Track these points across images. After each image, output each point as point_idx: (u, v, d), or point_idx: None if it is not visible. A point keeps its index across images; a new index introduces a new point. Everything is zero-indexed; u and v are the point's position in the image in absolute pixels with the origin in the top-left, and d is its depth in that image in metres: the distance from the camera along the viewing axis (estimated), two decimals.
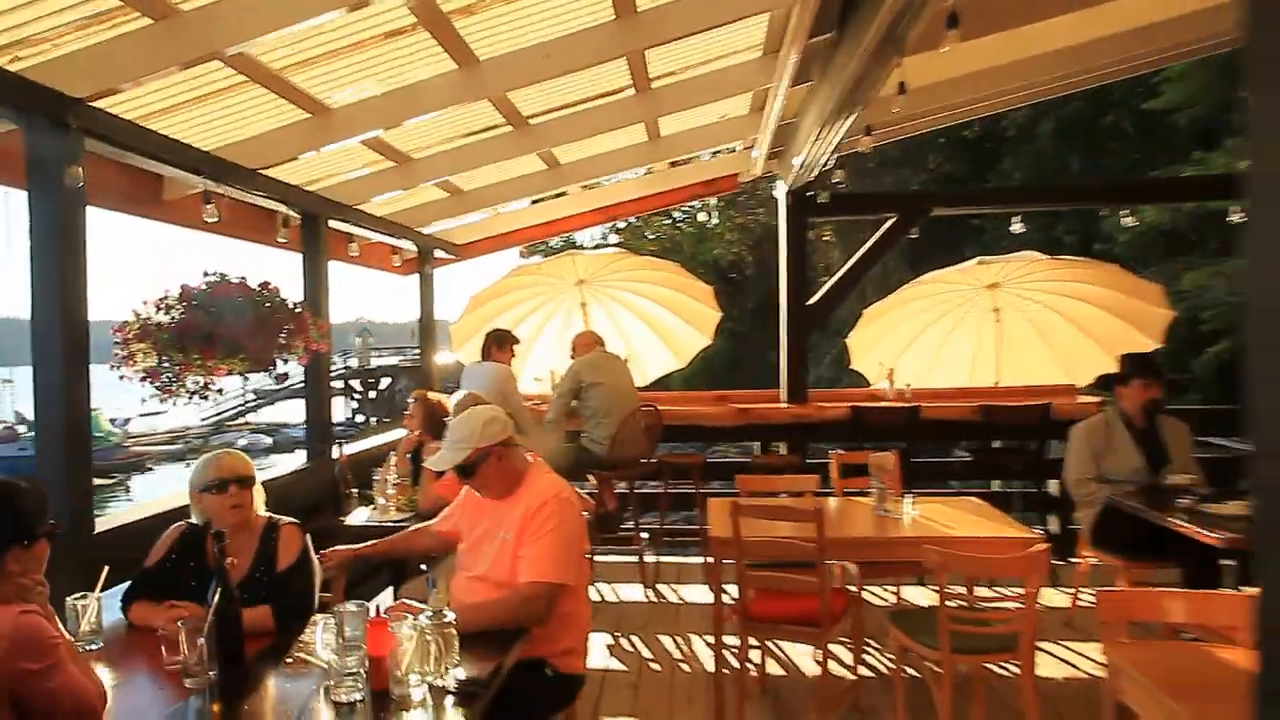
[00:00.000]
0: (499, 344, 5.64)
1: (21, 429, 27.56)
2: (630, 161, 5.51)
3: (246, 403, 41.08)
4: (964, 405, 5.56)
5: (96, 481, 2.37)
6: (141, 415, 39.06)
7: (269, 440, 32.28)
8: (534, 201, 6.50)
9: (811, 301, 5.95)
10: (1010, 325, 6.47)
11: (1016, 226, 5.95)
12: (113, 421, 30.16)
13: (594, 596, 5.15)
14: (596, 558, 5.41)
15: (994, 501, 3.84)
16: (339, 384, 36.31)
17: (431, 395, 4.50)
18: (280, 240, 4.59)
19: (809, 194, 5.81)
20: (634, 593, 5.22)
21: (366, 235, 5.44)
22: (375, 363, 38.71)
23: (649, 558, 5.57)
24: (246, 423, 38.55)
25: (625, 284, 6.65)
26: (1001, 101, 6.08)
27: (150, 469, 30.98)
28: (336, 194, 4.73)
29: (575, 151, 5.40)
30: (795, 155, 4.93)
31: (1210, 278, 10.96)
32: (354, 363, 38.53)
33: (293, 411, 40.46)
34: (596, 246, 19.50)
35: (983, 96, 5.49)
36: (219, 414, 39.74)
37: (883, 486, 3.74)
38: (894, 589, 4.69)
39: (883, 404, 5.77)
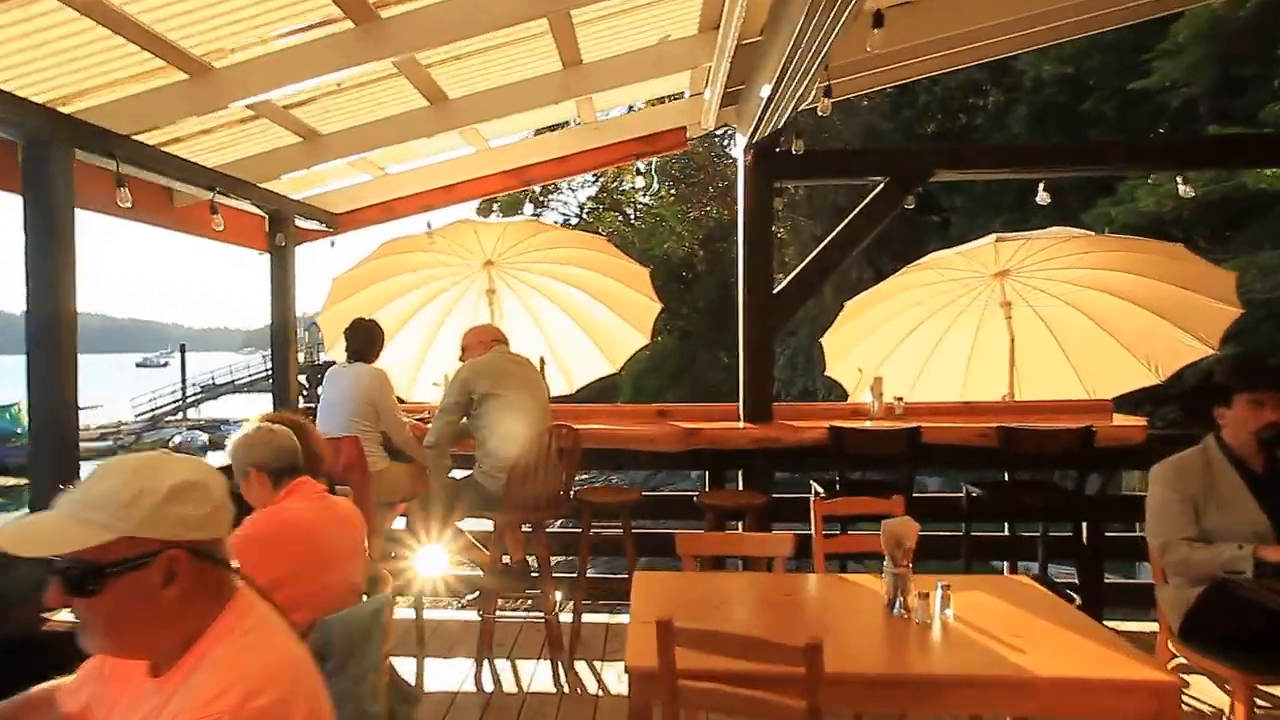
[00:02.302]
0: (368, 338, 4.07)
1: None
2: (543, 97, 3.95)
3: (186, 397, 38.48)
4: (975, 426, 4.13)
5: (9, 481, 1.52)
6: None
7: (205, 438, 29.92)
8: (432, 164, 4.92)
9: (778, 290, 4.47)
10: (1023, 323, 5.08)
11: (1043, 196, 4.53)
12: None
13: (487, 685, 3.64)
14: (500, 618, 3.93)
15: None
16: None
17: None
18: None
19: (777, 149, 4.33)
20: (543, 675, 3.71)
21: (154, 180, 3.79)
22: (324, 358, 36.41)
23: (565, 616, 4.08)
24: (185, 418, 36.00)
25: (542, 265, 5.08)
26: (995, 44, 4.68)
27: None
28: (96, 115, 3.12)
29: (464, 82, 3.84)
30: (760, 91, 3.45)
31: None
32: (301, 358, 36.15)
33: (239, 406, 37.96)
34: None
35: (973, 33, 4.15)
36: (155, 408, 37.06)
37: (901, 573, 2.29)
38: None
39: (869, 423, 4.33)
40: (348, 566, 2.29)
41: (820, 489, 4.28)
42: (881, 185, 4.34)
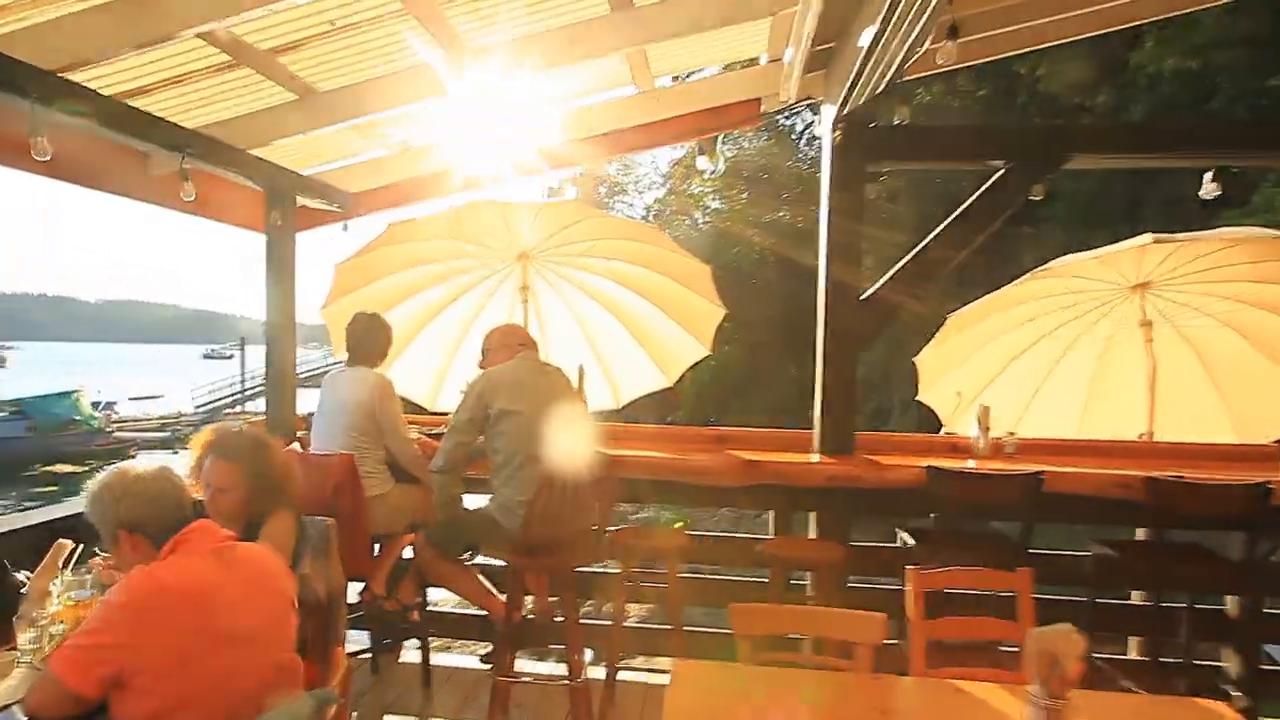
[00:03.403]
0: (369, 336, 3.57)
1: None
2: (587, 47, 3.36)
3: (245, 390, 39.45)
4: (1112, 474, 3.35)
5: (67, 469, 1.45)
6: (132, 399, 37.66)
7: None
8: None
9: (868, 294, 3.77)
10: (1165, 347, 4.24)
11: (1209, 188, 3.70)
12: (95, 405, 28.45)
13: None
14: (518, 679, 3.38)
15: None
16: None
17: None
18: None
19: (871, 124, 3.65)
20: None
21: (120, 140, 3.32)
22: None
23: (595, 673, 3.48)
24: (242, 411, 36.82)
25: (586, 259, 4.49)
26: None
27: (133, 457, 29.20)
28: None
29: (486, 27, 3.29)
30: (859, 39, 2.79)
31: None
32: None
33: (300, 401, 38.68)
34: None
35: None
36: (213, 401, 38.06)
37: (1057, 707, 1.60)
38: None
39: (972, 462, 3.60)
40: (264, 641, 1.74)
41: (909, 538, 3.57)
42: (1001, 172, 3.60)
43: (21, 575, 2.19)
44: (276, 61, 3.22)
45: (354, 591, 3.76)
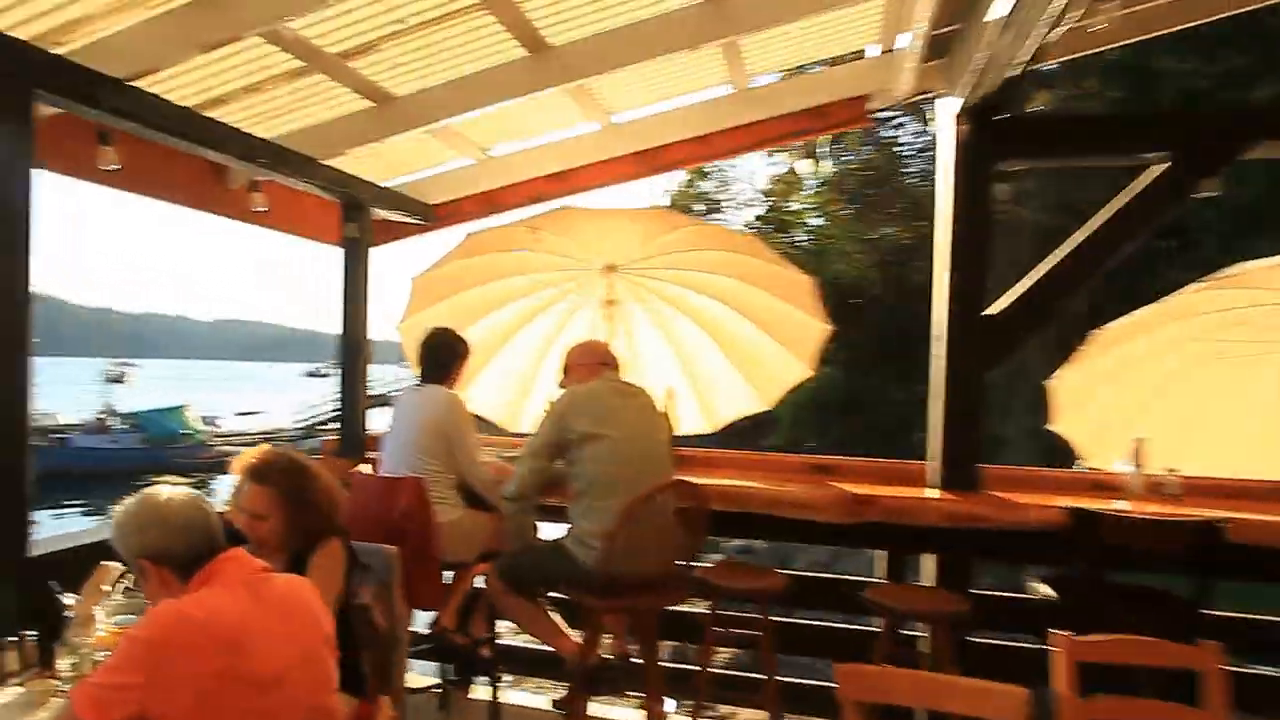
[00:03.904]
0: (444, 353, 3.45)
1: (113, 421, 27.87)
2: (673, 40, 3.16)
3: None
4: None
5: (174, 480, 1.72)
6: (237, 414, 39.84)
7: None
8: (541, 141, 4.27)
9: (995, 311, 3.39)
10: None
11: None
12: (202, 419, 30.23)
13: None
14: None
15: None
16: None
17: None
18: None
19: (997, 117, 3.28)
20: None
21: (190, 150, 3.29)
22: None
23: None
24: (340, 428, 38.14)
25: (677, 271, 4.26)
26: None
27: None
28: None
29: (570, 22, 3.15)
30: (989, 12, 2.49)
31: None
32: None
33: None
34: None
35: None
36: (312, 418, 39.78)
37: None
38: None
39: (1126, 503, 3.15)
40: (297, 684, 1.61)
41: (1047, 589, 3.16)
42: (1164, 167, 3.16)
43: (69, 599, 2.12)
44: (348, 66, 3.17)
45: (424, 622, 3.64)
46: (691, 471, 3.67)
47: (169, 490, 1.73)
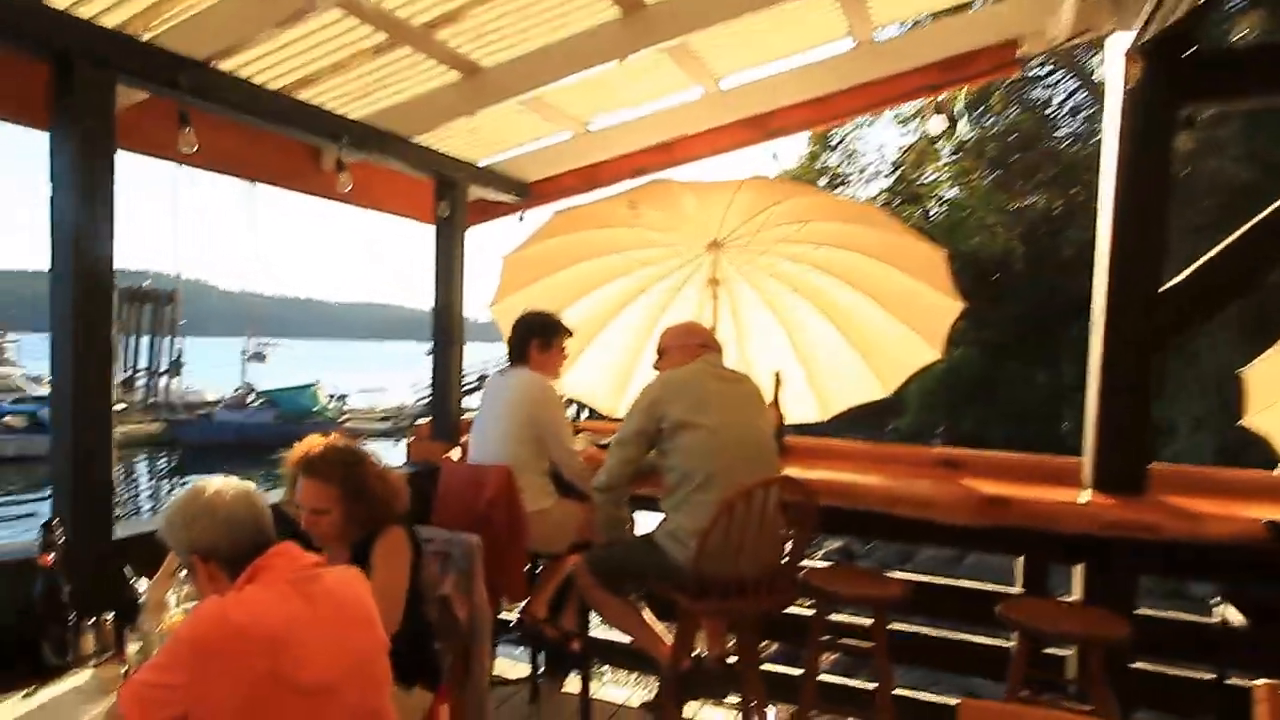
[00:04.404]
0: (546, 337, 3.35)
1: (251, 398, 30.02)
2: None
3: (465, 384, 42.50)
4: None
5: None
6: (362, 391, 42.02)
7: None
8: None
9: (1171, 285, 2.95)
10: None
11: None
12: (329, 397, 32.06)
13: None
14: None
15: None
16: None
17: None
18: None
19: (1184, 53, 2.82)
20: None
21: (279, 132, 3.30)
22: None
23: None
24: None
25: (789, 246, 3.97)
26: None
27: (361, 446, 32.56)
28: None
29: None
30: None
31: None
32: None
33: None
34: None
35: None
36: (430, 395, 41.39)
37: None
38: None
39: None
40: (347, 689, 1.55)
41: (1235, 614, 2.74)
42: None
43: (142, 584, 2.14)
44: (433, 37, 3.08)
45: (515, 611, 3.58)
46: (802, 463, 3.43)
47: (220, 482, 1.69)
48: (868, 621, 3.03)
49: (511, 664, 3.86)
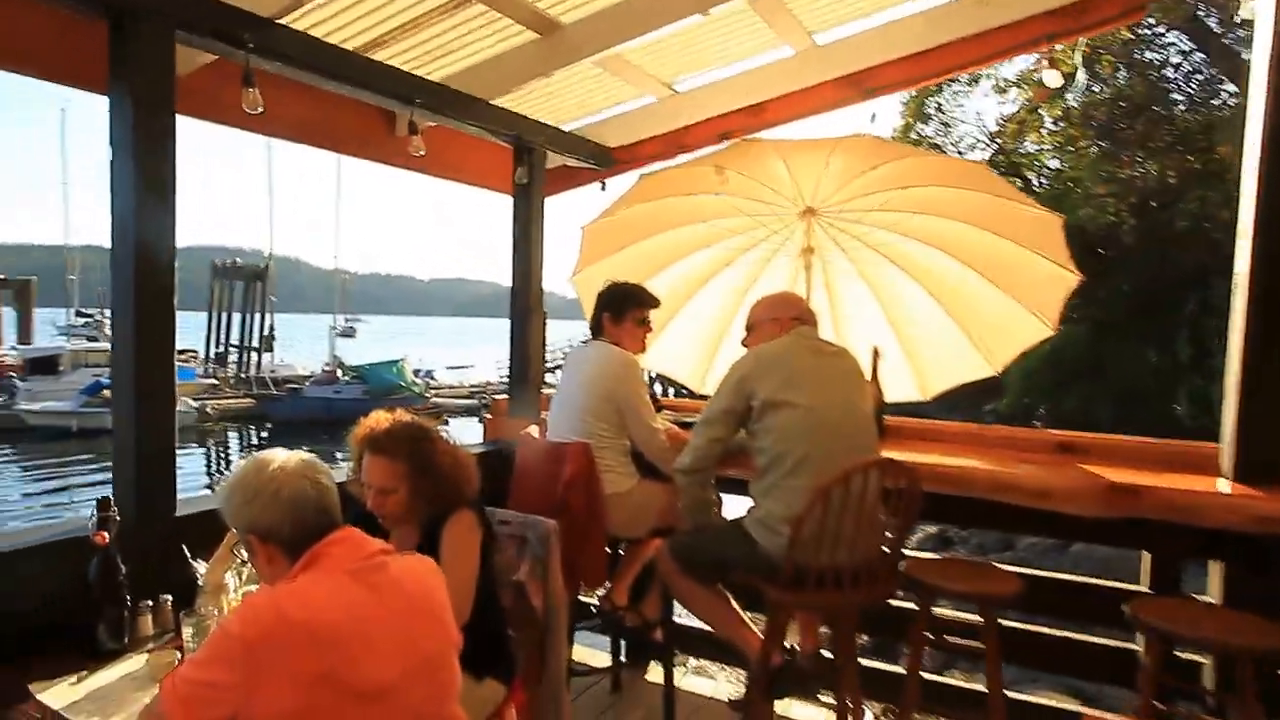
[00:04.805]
0: (616, 310, 3.22)
1: (340, 373, 31.07)
2: None
3: (545, 362, 43.06)
4: None
5: None
6: (448, 368, 43.04)
7: None
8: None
9: None
10: None
11: None
12: (416, 373, 32.93)
13: None
14: None
15: None
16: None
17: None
18: None
19: None
20: None
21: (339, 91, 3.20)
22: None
23: None
24: (544, 384, 40.14)
25: (887, 214, 3.73)
26: None
27: (446, 422, 33.43)
28: None
29: None
30: None
31: None
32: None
33: None
34: None
35: None
36: None
37: None
38: None
39: None
40: (411, 691, 1.45)
41: None
42: None
43: (200, 565, 2.10)
44: None
45: (596, 596, 3.49)
46: (902, 446, 3.21)
47: (284, 456, 1.58)
48: (972, 616, 2.82)
49: (593, 652, 3.79)
